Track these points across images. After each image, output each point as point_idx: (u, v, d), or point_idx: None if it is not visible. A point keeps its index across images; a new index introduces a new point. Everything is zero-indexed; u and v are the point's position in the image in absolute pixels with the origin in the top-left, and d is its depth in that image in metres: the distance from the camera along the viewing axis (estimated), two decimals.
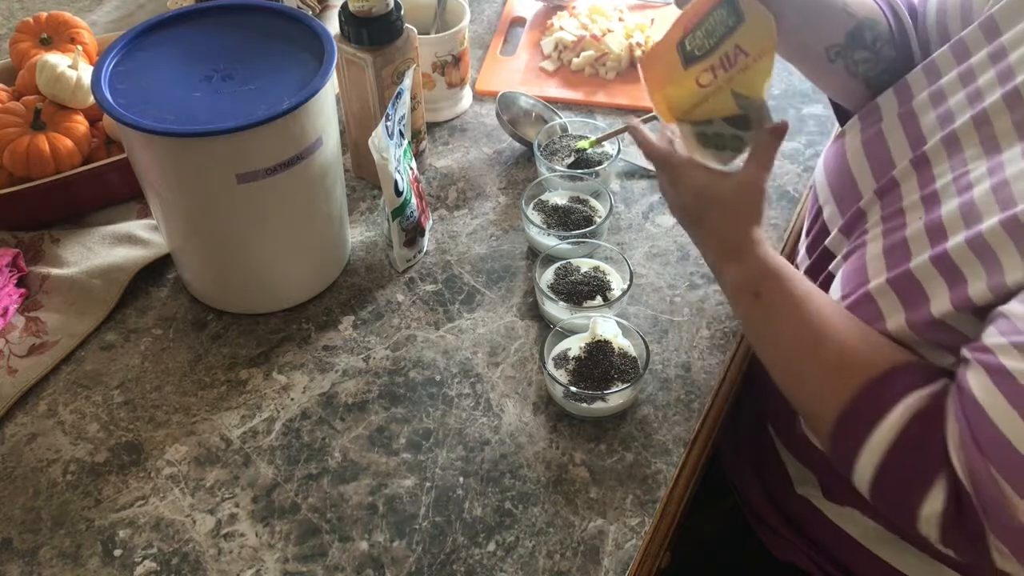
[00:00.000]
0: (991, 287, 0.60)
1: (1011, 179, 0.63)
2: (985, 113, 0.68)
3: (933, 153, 0.72)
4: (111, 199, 1.00)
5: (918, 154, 0.73)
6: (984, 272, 0.62)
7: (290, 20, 0.85)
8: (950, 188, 0.69)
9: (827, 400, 0.66)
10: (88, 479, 0.78)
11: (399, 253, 0.92)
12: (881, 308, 0.69)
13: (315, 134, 0.80)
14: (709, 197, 0.74)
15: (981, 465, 0.57)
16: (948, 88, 0.74)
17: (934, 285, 0.65)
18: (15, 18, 1.31)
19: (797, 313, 0.69)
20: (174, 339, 0.89)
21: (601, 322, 0.83)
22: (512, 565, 0.72)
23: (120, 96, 0.77)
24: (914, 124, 0.76)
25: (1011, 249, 0.60)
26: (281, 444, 0.80)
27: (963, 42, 0.75)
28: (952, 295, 0.63)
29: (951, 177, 0.69)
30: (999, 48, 0.71)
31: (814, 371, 0.67)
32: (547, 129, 1.03)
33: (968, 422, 0.58)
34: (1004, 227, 0.61)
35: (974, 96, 0.71)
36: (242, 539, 0.73)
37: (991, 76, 0.70)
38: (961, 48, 0.75)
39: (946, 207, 0.68)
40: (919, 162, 0.73)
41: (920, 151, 0.73)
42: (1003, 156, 0.65)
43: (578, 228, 0.93)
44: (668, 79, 0.76)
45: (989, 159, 0.66)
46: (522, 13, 1.28)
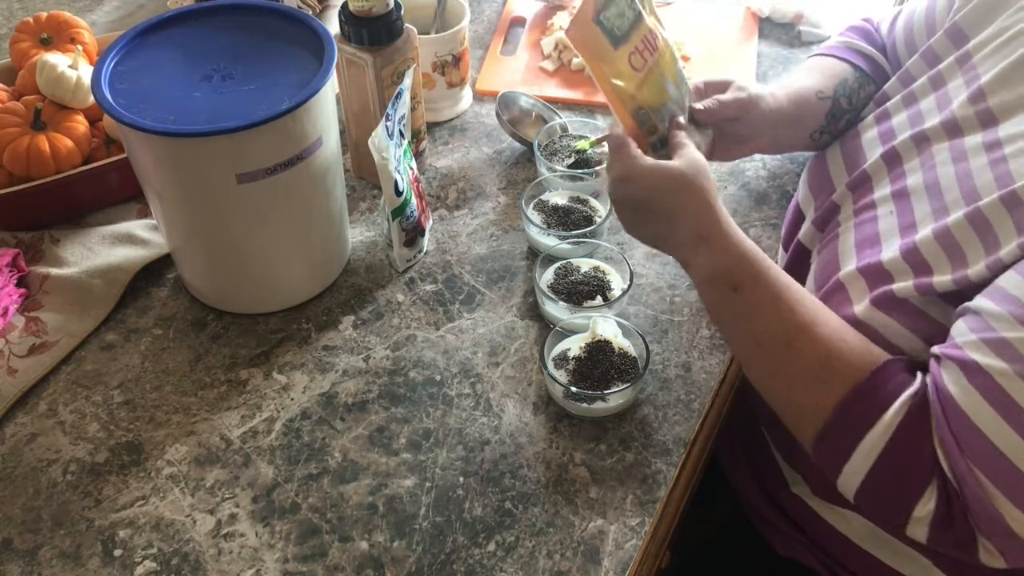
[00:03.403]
0: (955, 279, 0.62)
1: (976, 173, 0.65)
2: (952, 113, 0.70)
3: (903, 148, 0.74)
4: (111, 199, 1.00)
5: (888, 149, 0.75)
6: (949, 264, 0.63)
7: (290, 20, 0.85)
8: (919, 183, 0.70)
9: (810, 405, 0.65)
10: (88, 479, 0.78)
11: (399, 253, 0.92)
12: (849, 294, 0.70)
13: (315, 134, 0.80)
14: (677, 183, 0.71)
15: (962, 463, 0.57)
16: (919, 91, 0.77)
17: (901, 274, 0.67)
18: (15, 18, 1.31)
19: (777, 308, 0.67)
20: (174, 339, 0.89)
21: (601, 322, 0.83)
22: (512, 565, 0.72)
23: (120, 96, 0.77)
24: (887, 123, 0.78)
25: (975, 242, 0.61)
26: (281, 444, 0.80)
27: (932, 49, 0.79)
28: (916, 282, 0.65)
29: (920, 172, 0.70)
30: (965, 54, 0.73)
31: (796, 373, 0.66)
32: (547, 129, 1.03)
33: (947, 420, 0.58)
34: (968, 220, 0.63)
35: (943, 99, 0.73)
36: (242, 539, 0.73)
37: (959, 81, 0.72)
38: (931, 55, 0.79)
39: (916, 200, 0.70)
40: (890, 157, 0.74)
41: (890, 145, 0.75)
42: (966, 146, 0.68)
43: (578, 228, 0.93)
44: (602, 57, 0.72)
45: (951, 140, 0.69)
46: (522, 13, 1.28)
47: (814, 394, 0.64)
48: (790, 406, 0.67)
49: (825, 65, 0.90)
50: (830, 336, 0.65)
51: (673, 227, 0.71)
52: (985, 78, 0.69)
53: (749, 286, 0.68)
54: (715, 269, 0.69)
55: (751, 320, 0.68)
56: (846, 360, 0.64)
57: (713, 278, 0.70)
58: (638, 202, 0.72)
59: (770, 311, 0.67)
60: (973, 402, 0.57)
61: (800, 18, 1.26)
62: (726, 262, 0.69)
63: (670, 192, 0.71)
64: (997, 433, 0.55)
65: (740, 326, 0.69)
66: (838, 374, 0.63)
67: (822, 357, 0.64)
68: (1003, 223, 0.60)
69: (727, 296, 0.69)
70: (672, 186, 0.71)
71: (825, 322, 0.66)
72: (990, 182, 0.63)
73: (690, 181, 0.71)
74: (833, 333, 0.65)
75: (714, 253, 0.69)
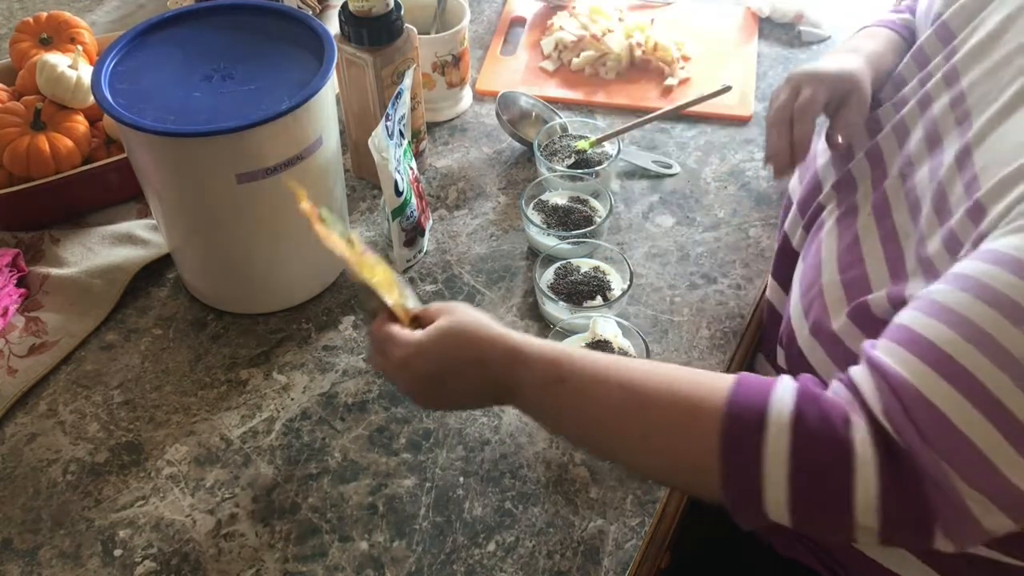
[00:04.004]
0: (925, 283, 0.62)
1: (945, 182, 0.64)
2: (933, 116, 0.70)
3: (885, 144, 0.74)
4: (111, 199, 1.00)
5: (872, 145, 0.75)
6: (923, 280, 0.63)
7: (290, 20, 0.85)
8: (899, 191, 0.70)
9: (694, 452, 0.59)
10: (88, 479, 0.78)
11: (399, 253, 0.92)
12: (828, 307, 0.70)
13: (315, 134, 0.80)
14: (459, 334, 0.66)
15: (916, 440, 0.53)
16: (909, 92, 0.76)
17: (878, 286, 0.66)
18: (15, 18, 1.31)
19: (609, 376, 0.62)
20: (174, 339, 0.89)
21: (601, 322, 0.83)
22: (512, 565, 0.72)
23: (120, 96, 0.77)
24: (874, 122, 0.78)
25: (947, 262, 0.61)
26: (281, 444, 0.80)
27: (922, 49, 0.78)
28: (889, 291, 0.65)
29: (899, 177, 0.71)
30: (951, 53, 0.73)
31: (663, 430, 0.60)
32: (547, 129, 1.03)
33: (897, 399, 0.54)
34: (943, 242, 0.61)
35: (924, 100, 0.73)
36: (242, 539, 0.73)
37: (939, 78, 0.72)
38: (920, 55, 0.78)
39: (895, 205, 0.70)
40: (873, 155, 0.75)
41: (874, 142, 0.75)
42: (943, 156, 0.67)
43: (578, 228, 0.93)
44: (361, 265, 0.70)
45: (932, 158, 0.68)
46: (522, 13, 1.28)
47: (691, 440, 0.59)
48: (677, 467, 0.62)
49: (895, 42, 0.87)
50: (673, 378, 0.61)
51: (481, 371, 0.66)
52: (966, 80, 0.68)
53: (576, 369, 0.64)
54: (536, 375, 0.64)
55: (591, 400, 0.63)
56: (701, 395, 0.59)
57: (538, 384, 0.64)
58: (433, 375, 0.67)
59: (605, 381, 0.62)
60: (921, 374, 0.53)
61: (800, 18, 1.26)
62: (543, 362, 0.64)
63: (458, 345, 0.66)
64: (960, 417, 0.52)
65: (586, 414, 0.63)
66: (701, 409, 0.59)
67: (678, 401, 0.60)
68: (967, 235, 0.59)
69: (558, 391, 0.64)
70: (456, 341, 0.66)
71: (660, 369, 0.62)
72: (961, 195, 0.62)
73: (468, 324, 0.67)
74: (672, 374, 0.61)
75: (529, 363, 0.64)
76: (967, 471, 0.52)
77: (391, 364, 0.68)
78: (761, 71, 1.19)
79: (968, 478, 0.52)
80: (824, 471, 0.55)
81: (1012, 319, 0.51)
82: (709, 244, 0.97)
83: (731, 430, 0.57)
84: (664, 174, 1.05)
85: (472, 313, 0.68)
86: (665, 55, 1.17)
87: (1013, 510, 0.53)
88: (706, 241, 0.97)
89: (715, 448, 0.57)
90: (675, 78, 1.16)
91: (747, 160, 1.06)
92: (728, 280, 0.93)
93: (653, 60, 1.17)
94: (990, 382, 0.51)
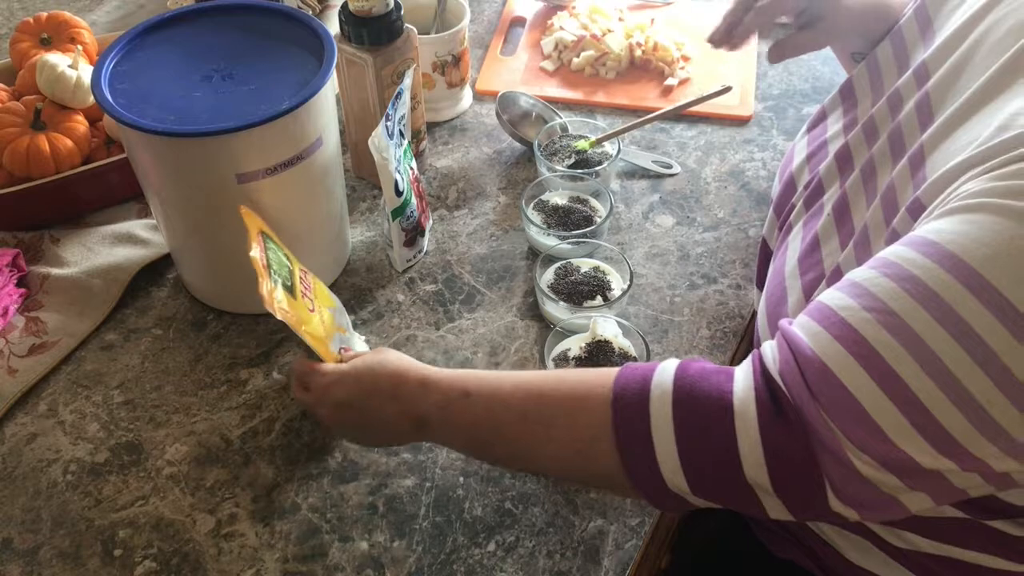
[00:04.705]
0: None
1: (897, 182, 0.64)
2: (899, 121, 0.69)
3: (855, 144, 0.74)
4: (111, 199, 1.00)
5: (842, 146, 0.74)
6: None
7: (290, 20, 0.85)
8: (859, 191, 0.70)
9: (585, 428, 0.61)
10: (88, 479, 0.78)
11: (399, 253, 0.92)
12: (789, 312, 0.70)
13: (315, 134, 0.80)
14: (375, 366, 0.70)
15: (808, 402, 0.54)
16: (887, 80, 0.75)
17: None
18: (15, 18, 1.31)
19: (510, 380, 0.66)
20: (174, 339, 0.89)
21: (601, 322, 0.83)
22: (512, 565, 0.71)
23: (120, 96, 0.77)
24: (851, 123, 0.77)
25: None
26: (281, 444, 0.80)
27: (900, 32, 0.76)
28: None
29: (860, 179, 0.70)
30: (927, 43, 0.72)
31: (559, 413, 0.63)
32: (547, 129, 1.03)
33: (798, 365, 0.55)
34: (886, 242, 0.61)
35: (895, 100, 0.71)
36: (242, 539, 0.73)
37: (909, 76, 0.70)
38: (898, 38, 0.76)
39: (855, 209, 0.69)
40: (842, 156, 0.74)
41: (843, 142, 0.74)
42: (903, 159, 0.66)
43: (578, 228, 0.93)
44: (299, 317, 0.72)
45: (894, 160, 0.68)
46: (522, 13, 1.28)
47: (587, 422, 0.61)
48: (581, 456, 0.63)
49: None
50: (567, 374, 0.66)
51: (395, 404, 0.68)
52: (932, 80, 0.67)
53: (481, 382, 0.67)
54: (444, 395, 0.67)
55: (496, 406, 0.65)
56: (591, 380, 0.63)
57: (446, 402, 0.67)
58: (351, 403, 0.70)
59: (506, 387, 0.66)
60: (822, 344, 0.54)
61: None
62: (448, 381, 0.67)
63: (374, 378, 0.69)
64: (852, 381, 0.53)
65: (492, 420, 0.66)
66: (593, 392, 0.61)
67: (573, 388, 0.63)
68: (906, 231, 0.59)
69: (464, 405, 0.66)
70: (372, 374, 0.70)
71: (555, 372, 0.67)
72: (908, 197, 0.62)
73: (386, 360, 0.70)
74: (566, 373, 0.67)
75: (438, 385, 0.67)
76: (851, 429, 0.53)
77: (311, 395, 0.71)
78: (761, 71, 1.19)
79: (852, 436, 0.53)
80: (706, 426, 0.57)
81: (916, 297, 0.51)
82: (709, 244, 0.97)
83: (619, 405, 0.60)
84: (664, 174, 1.05)
85: (395, 353, 0.71)
86: (665, 55, 1.17)
87: (904, 475, 0.53)
88: (706, 241, 0.97)
89: (607, 425, 0.60)
90: (675, 78, 1.16)
91: (747, 160, 1.06)
92: (728, 280, 0.93)
93: (653, 60, 1.17)
94: (886, 352, 0.52)
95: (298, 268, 0.77)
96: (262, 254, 0.70)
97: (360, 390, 0.70)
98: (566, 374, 0.67)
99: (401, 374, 0.68)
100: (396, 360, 0.70)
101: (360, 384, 0.70)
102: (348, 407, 0.70)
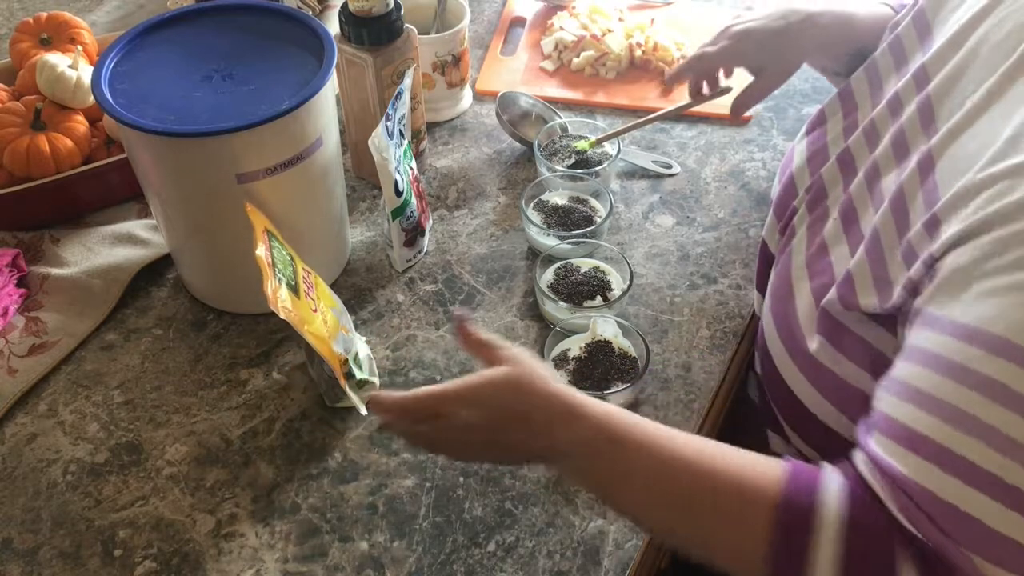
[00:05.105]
0: (879, 299, 0.62)
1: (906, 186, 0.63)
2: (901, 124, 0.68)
3: (856, 148, 0.73)
4: (111, 199, 1.00)
5: (843, 150, 0.74)
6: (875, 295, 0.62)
7: (290, 20, 0.85)
8: (864, 194, 0.69)
9: (747, 543, 0.58)
10: (88, 479, 0.78)
11: (399, 253, 0.92)
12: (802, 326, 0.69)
13: (315, 134, 0.80)
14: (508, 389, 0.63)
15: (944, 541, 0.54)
16: (887, 84, 0.75)
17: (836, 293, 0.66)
18: (15, 18, 1.31)
19: (666, 448, 0.60)
20: (174, 339, 0.89)
21: (601, 322, 0.83)
22: (512, 565, 0.71)
23: (120, 96, 0.77)
24: (852, 126, 0.77)
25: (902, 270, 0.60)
26: (281, 444, 0.80)
27: (899, 39, 0.76)
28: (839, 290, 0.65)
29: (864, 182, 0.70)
30: (927, 48, 0.71)
31: (712, 516, 0.59)
32: (547, 129, 1.03)
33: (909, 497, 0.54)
34: (902, 255, 0.61)
35: (894, 104, 0.71)
36: (242, 539, 0.73)
37: (908, 80, 0.70)
38: (897, 46, 0.76)
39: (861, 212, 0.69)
40: (844, 160, 0.74)
41: (845, 146, 0.74)
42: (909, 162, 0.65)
43: (578, 228, 0.93)
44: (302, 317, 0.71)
45: (898, 165, 0.67)
46: (522, 13, 1.28)
47: (743, 528, 0.58)
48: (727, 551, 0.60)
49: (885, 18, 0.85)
50: (727, 463, 0.60)
51: (527, 426, 0.63)
52: (933, 83, 0.66)
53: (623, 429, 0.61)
54: (593, 436, 0.61)
55: (646, 468, 0.61)
56: (758, 482, 0.58)
57: (592, 443, 0.61)
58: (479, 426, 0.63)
59: (655, 452, 0.61)
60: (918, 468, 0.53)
61: None
62: (598, 421, 0.62)
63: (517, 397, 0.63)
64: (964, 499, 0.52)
65: (642, 481, 0.61)
66: (757, 500, 0.58)
67: (731, 483, 0.59)
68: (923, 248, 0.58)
69: (611, 452, 0.61)
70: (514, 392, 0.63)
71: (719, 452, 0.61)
72: (921, 205, 0.61)
73: (524, 377, 0.63)
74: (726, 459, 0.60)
75: (588, 420, 0.62)
76: (989, 551, 0.52)
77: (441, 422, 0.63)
78: None
79: (990, 556, 0.52)
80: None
81: (990, 396, 0.51)
82: (709, 244, 0.97)
83: (782, 526, 0.56)
84: (664, 174, 1.05)
85: (538, 367, 0.64)
86: (665, 55, 1.17)
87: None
88: (706, 241, 0.97)
89: (765, 539, 0.57)
90: None
91: (747, 160, 1.06)
92: (728, 280, 0.93)
93: (653, 60, 1.17)
94: (991, 465, 0.51)
95: (301, 268, 0.77)
96: (267, 253, 0.70)
97: (493, 413, 0.63)
98: (726, 460, 0.60)
99: (547, 398, 0.62)
100: (540, 380, 0.63)
101: (495, 406, 0.63)
102: (476, 429, 0.63)
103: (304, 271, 0.77)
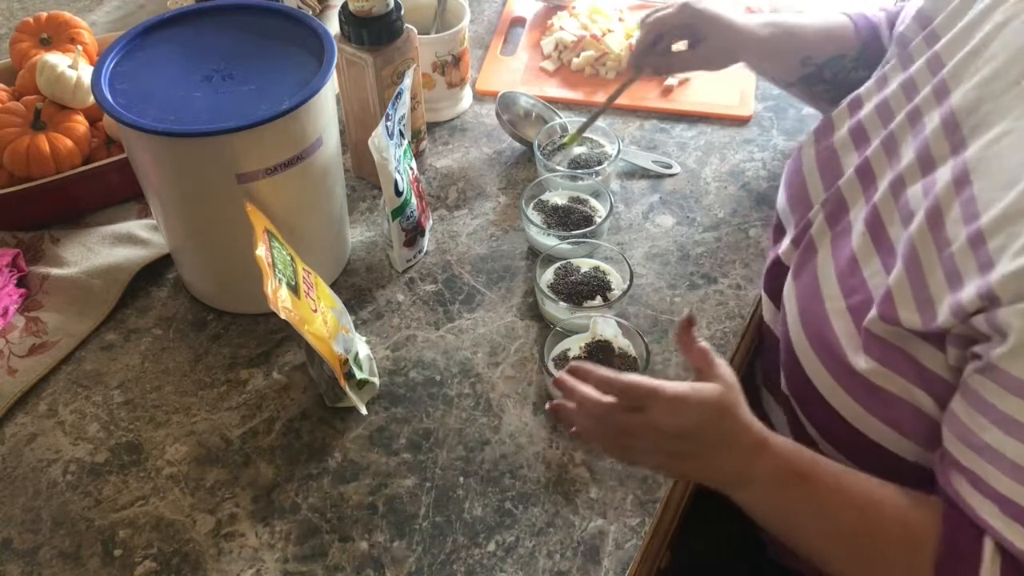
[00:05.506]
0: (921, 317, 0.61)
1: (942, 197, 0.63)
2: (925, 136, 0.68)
3: (875, 159, 0.73)
4: (111, 199, 1.00)
5: (862, 161, 0.74)
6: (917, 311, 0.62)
7: (290, 20, 0.85)
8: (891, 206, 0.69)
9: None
10: (88, 479, 0.78)
11: (399, 253, 0.92)
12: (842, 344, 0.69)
13: (315, 134, 0.80)
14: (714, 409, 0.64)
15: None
16: (892, 100, 0.75)
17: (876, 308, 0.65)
18: (15, 18, 1.31)
19: (842, 485, 0.63)
20: (174, 339, 0.89)
21: (601, 322, 0.83)
22: (512, 565, 0.72)
23: (120, 96, 0.77)
24: (862, 136, 0.77)
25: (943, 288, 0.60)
26: (281, 444, 0.80)
27: (908, 52, 0.76)
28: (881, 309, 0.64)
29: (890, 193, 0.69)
30: (935, 56, 0.71)
31: (883, 553, 0.62)
32: (547, 129, 1.03)
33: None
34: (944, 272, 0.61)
35: (914, 115, 0.71)
36: (242, 539, 0.73)
37: (928, 92, 0.70)
38: (906, 57, 0.76)
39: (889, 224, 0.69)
40: (863, 171, 0.73)
41: (863, 157, 0.74)
42: (936, 175, 0.65)
43: (578, 228, 0.93)
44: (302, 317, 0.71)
45: (924, 177, 0.67)
46: (522, 13, 1.28)
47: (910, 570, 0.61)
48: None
49: (838, 28, 0.89)
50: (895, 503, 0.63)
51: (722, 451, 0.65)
52: (956, 95, 0.66)
53: (811, 467, 0.64)
54: (779, 467, 0.64)
55: (826, 505, 0.64)
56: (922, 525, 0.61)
57: (779, 477, 0.65)
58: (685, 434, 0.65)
59: (838, 491, 0.64)
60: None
61: None
62: (787, 456, 0.65)
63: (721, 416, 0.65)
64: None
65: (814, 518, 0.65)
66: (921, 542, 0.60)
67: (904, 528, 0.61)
68: (968, 264, 0.58)
69: (798, 488, 0.64)
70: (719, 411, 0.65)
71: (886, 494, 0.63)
72: (958, 216, 0.61)
73: (731, 402, 0.65)
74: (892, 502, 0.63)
75: (776, 453, 0.65)
76: None
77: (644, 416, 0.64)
78: None
79: None
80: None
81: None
82: (709, 244, 0.97)
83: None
84: (664, 174, 1.05)
85: (732, 385, 0.66)
86: None
87: None
88: (706, 241, 0.97)
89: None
90: (675, 78, 1.16)
91: (747, 160, 1.06)
92: (728, 280, 0.93)
93: None
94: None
95: (301, 268, 0.77)
96: (268, 253, 0.70)
97: (696, 423, 0.64)
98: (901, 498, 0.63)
99: (746, 427, 0.64)
100: (744, 408, 0.65)
101: (700, 419, 0.64)
102: (671, 438, 0.64)
103: (304, 271, 0.77)
